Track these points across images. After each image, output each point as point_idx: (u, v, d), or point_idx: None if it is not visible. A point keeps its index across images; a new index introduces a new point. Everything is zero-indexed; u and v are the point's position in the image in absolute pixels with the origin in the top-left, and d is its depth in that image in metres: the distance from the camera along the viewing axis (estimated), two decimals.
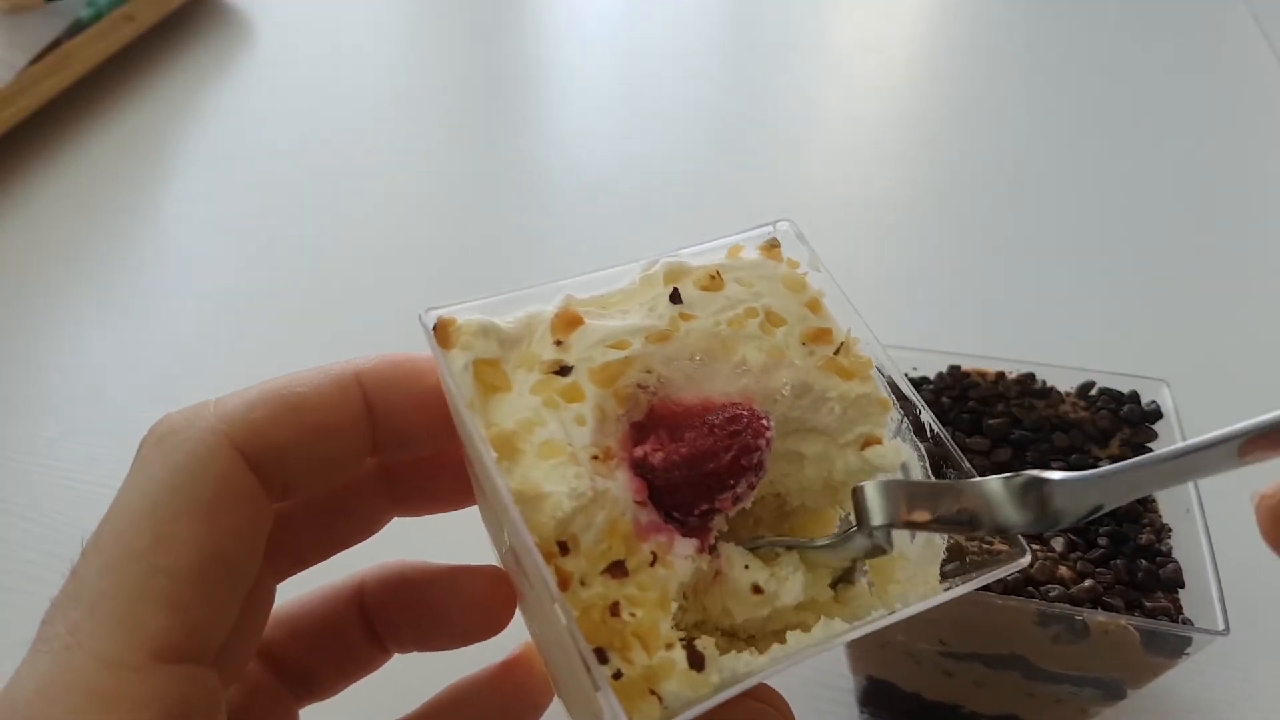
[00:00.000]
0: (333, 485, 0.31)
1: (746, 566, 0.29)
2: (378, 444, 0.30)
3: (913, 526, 0.27)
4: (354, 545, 0.34)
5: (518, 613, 0.35)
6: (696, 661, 0.25)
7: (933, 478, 0.30)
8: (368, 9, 1.26)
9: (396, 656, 0.35)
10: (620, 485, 0.27)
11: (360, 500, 0.33)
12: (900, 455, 0.29)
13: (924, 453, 0.31)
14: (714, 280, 0.30)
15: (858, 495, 0.27)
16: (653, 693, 0.24)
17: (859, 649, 0.45)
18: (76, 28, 0.95)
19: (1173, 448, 0.25)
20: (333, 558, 0.34)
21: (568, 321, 0.28)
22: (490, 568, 0.34)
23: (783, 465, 0.30)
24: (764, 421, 0.27)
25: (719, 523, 0.28)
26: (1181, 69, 1.08)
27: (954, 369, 0.51)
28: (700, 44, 1.19)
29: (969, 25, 1.20)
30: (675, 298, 0.29)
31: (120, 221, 0.86)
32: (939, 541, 0.30)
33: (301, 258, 0.82)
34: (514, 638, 0.35)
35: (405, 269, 0.80)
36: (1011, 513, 0.26)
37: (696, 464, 0.27)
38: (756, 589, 0.28)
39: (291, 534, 0.31)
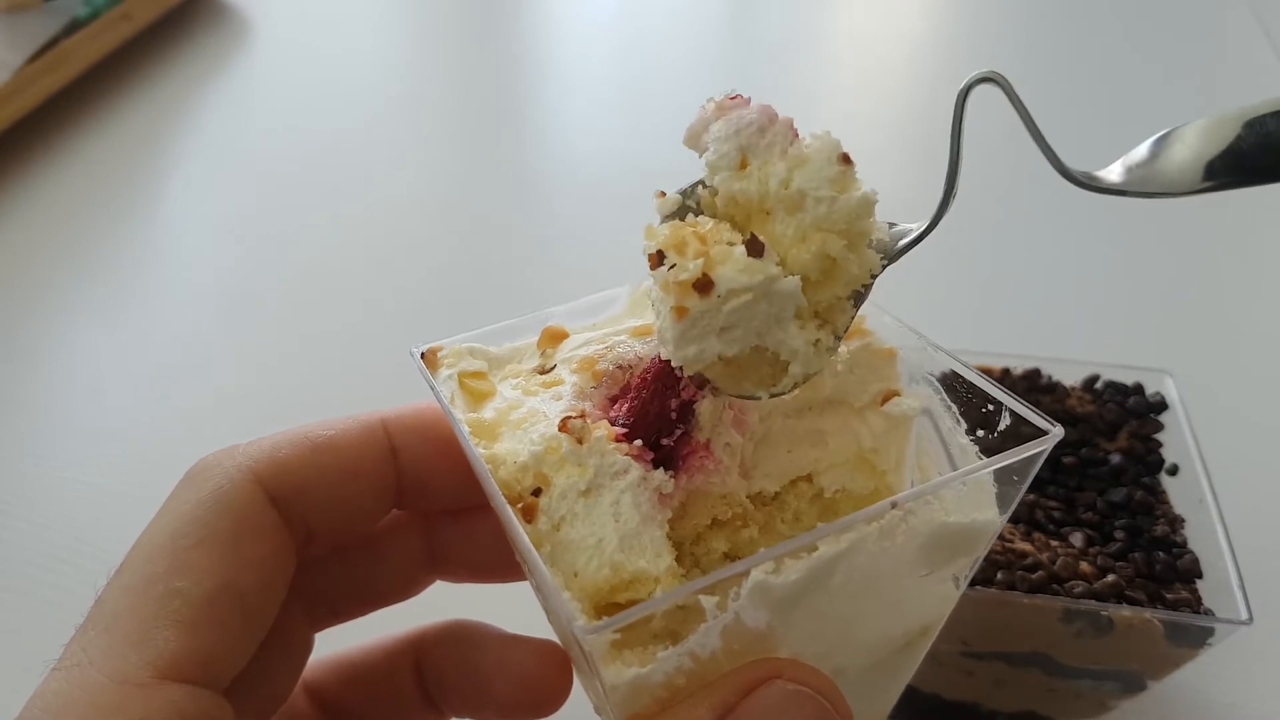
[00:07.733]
0: (359, 530, 0.32)
1: None
2: (402, 491, 0.31)
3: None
4: (392, 604, 0.34)
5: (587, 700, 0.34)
6: (756, 249, 0.25)
7: (958, 415, 0.31)
8: (365, 8, 1.26)
9: None
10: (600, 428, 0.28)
11: (395, 556, 0.34)
12: (921, 400, 0.30)
13: (943, 390, 0.31)
14: None
15: None
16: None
17: None
18: (74, 26, 0.95)
19: None
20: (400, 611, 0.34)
21: (553, 336, 0.32)
22: (545, 642, 0.34)
23: (805, 448, 0.30)
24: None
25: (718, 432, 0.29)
26: (1183, 67, 1.08)
27: None
28: (699, 41, 1.19)
29: (968, 24, 1.20)
30: None
31: (118, 219, 0.85)
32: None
33: (299, 254, 0.81)
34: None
35: (403, 265, 0.79)
36: None
37: (640, 417, 0.28)
38: None
39: (326, 582, 0.32)
